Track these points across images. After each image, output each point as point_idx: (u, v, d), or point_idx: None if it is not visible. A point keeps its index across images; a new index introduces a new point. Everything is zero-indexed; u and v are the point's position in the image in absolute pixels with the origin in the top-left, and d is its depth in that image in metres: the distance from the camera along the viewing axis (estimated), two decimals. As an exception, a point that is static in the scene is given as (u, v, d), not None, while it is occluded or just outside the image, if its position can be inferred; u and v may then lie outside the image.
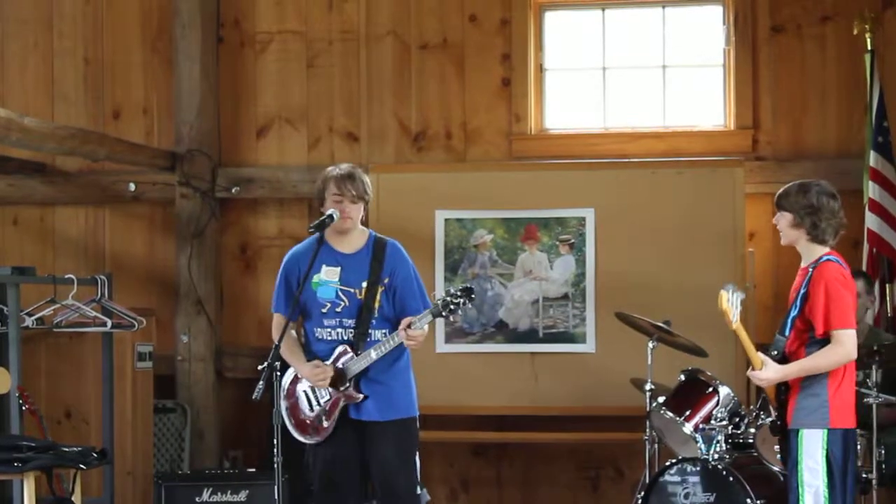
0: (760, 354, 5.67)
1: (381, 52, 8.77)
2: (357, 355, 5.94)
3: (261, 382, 5.65)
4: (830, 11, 8.40)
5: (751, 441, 6.79)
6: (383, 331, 5.98)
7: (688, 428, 6.93)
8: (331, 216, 5.95)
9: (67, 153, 8.13)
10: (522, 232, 8.32)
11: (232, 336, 8.87)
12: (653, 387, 7.22)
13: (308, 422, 6.04)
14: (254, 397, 5.63)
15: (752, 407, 7.06)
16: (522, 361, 8.27)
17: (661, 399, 7.13)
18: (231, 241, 8.92)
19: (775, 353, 5.71)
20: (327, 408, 6.00)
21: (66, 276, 7.58)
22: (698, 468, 6.78)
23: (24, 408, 7.07)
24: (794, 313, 5.69)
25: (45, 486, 6.64)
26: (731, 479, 6.66)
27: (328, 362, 5.98)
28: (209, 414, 8.74)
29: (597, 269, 8.22)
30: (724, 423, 6.83)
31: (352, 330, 5.98)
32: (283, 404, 6.08)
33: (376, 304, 5.98)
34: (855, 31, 8.03)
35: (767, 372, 5.65)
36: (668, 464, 6.89)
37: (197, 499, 7.77)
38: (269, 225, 8.89)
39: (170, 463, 8.62)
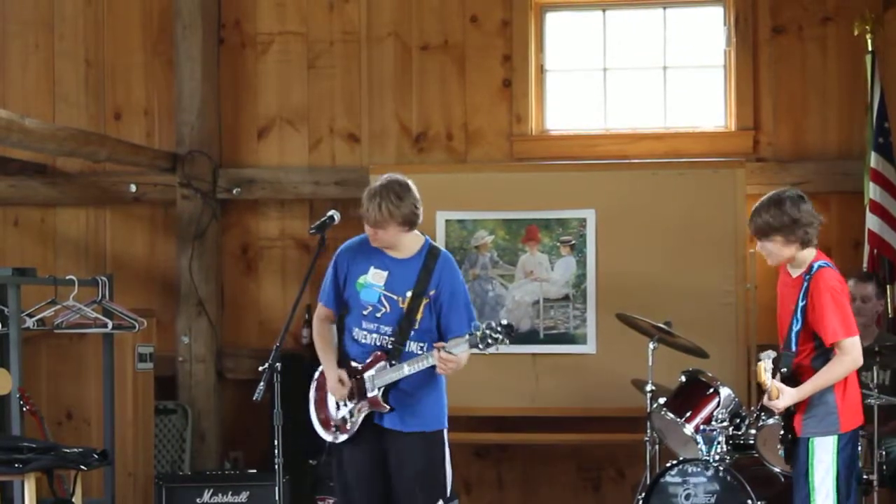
0: (775, 382, 5.52)
1: (382, 52, 8.76)
2: (391, 365, 5.82)
3: (262, 383, 5.64)
4: (831, 12, 8.39)
5: (751, 442, 6.78)
6: (420, 344, 5.83)
7: (688, 429, 6.92)
8: (331, 217, 5.94)
9: (68, 154, 8.12)
10: (523, 233, 8.31)
11: (233, 337, 8.87)
12: (653, 388, 7.21)
13: (333, 420, 5.95)
14: (255, 398, 5.63)
15: (752, 408, 7.05)
16: (523, 362, 8.26)
17: (661, 400, 7.12)
18: (232, 242, 8.92)
19: (785, 370, 5.63)
20: (353, 410, 5.91)
21: (67, 277, 7.57)
22: (699, 469, 6.77)
23: (24, 409, 7.06)
24: (797, 327, 5.61)
25: (45, 487, 6.63)
26: (731, 480, 6.66)
27: (361, 366, 5.89)
28: (210, 415, 8.74)
29: (598, 270, 8.21)
30: (725, 424, 6.83)
31: (388, 337, 5.85)
32: (312, 396, 6.02)
33: (418, 316, 5.83)
34: (856, 32, 8.02)
35: (785, 399, 5.54)
36: (668, 465, 6.89)
37: (198, 500, 7.78)
38: (269, 226, 8.89)
39: (171, 464, 8.61)
